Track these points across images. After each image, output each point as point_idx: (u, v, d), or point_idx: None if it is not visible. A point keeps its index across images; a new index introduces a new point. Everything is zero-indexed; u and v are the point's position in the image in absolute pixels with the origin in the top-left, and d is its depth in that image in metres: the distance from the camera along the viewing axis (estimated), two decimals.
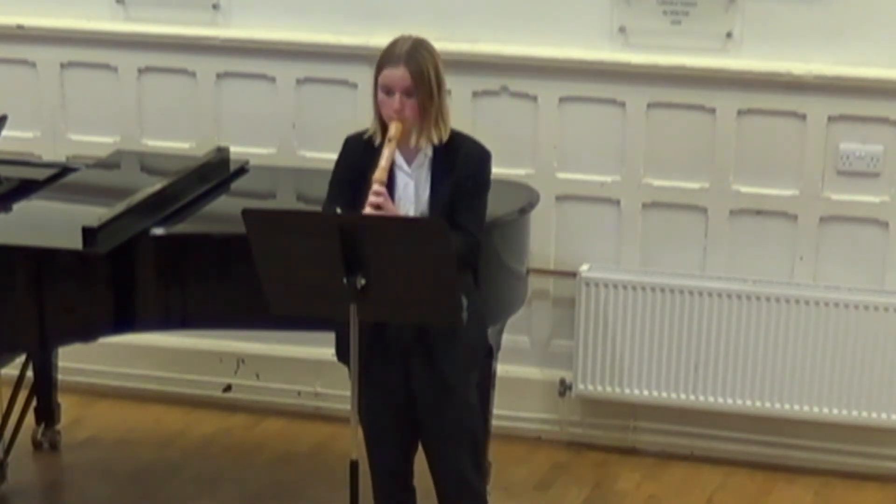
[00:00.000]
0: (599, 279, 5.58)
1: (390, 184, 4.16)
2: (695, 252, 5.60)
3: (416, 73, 4.11)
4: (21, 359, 5.35)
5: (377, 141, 4.20)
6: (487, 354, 4.62)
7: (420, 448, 4.40)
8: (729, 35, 5.43)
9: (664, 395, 5.60)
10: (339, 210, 4.12)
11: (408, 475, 4.42)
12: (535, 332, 5.79)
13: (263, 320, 4.44)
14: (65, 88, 6.03)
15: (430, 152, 4.22)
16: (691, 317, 5.52)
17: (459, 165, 4.19)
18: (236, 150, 5.54)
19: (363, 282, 3.97)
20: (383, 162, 4.08)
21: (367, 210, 4.04)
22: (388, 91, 4.14)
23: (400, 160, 4.21)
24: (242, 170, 5.49)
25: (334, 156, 5.75)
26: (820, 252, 5.50)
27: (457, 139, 4.24)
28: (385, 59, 4.17)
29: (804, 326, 5.43)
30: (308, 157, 5.79)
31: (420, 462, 4.41)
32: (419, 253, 3.95)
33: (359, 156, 4.22)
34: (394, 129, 4.13)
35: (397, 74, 4.12)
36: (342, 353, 4.28)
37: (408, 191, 4.22)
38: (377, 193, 4.05)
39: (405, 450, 4.38)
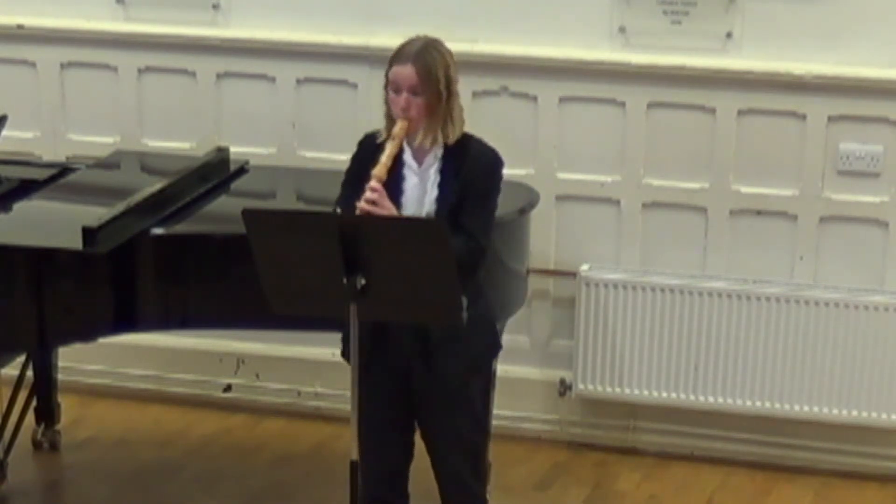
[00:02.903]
0: (599, 279, 5.57)
1: (399, 182, 4.15)
2: (695, 252, 5.60)
3: (423, 72, 4.09)
4: (21, 359, 5.35)
5: (384, 138, 4.18)
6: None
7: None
8: (729, 35, 5.43)
9: (664, 395, 5.60)
10: (338, 210, 4.11)
11: (403, 480, 4.37)
12: (535, 332, 5.79)
13: (263, 320, 4.44)
14: (65, 88, 6.03)
15: (440, 153, 4.19)
16: (691, 317, 5.51)
17: (467, 168, 4.16)
18: (236, 150, 5.54)
19: (363, 282, 3.96)
20: (384, 158, 4.07)
21: (361, 205, 4.02)
22: (396, 89, 4.13)
23: (410, 159, 4.19)
24: (242, 170, 5.49)
25: (334, 156, 5.79)
26: (820, 252, 5.50)
27: (468, 142, 4.21)
28: (395, 56, 4.15)
29: (804, 326, 5.43)
30: (308, 157, 5.80)
31: (421, 461, 4.40)
32: (419, 253, 3.94)
33: (370, 153, 4.18)
34: (398, 126, 4.11)
35: (405, 72, 4.11)
36: (347, 352, 4.28)
37: (415, 190, 4.19)
38: (373, 189, 4.03)
39: (403, 454, 4.34)
